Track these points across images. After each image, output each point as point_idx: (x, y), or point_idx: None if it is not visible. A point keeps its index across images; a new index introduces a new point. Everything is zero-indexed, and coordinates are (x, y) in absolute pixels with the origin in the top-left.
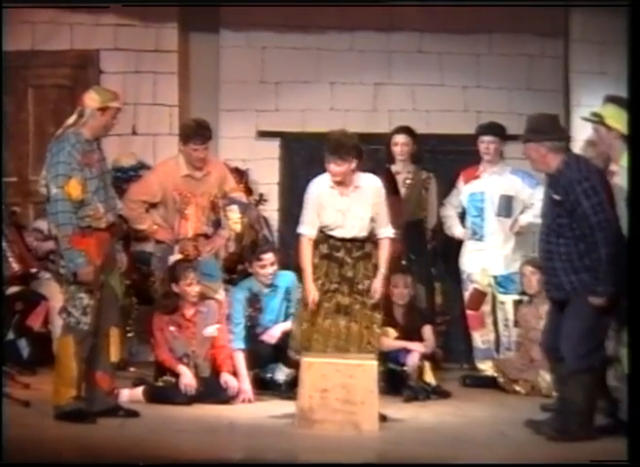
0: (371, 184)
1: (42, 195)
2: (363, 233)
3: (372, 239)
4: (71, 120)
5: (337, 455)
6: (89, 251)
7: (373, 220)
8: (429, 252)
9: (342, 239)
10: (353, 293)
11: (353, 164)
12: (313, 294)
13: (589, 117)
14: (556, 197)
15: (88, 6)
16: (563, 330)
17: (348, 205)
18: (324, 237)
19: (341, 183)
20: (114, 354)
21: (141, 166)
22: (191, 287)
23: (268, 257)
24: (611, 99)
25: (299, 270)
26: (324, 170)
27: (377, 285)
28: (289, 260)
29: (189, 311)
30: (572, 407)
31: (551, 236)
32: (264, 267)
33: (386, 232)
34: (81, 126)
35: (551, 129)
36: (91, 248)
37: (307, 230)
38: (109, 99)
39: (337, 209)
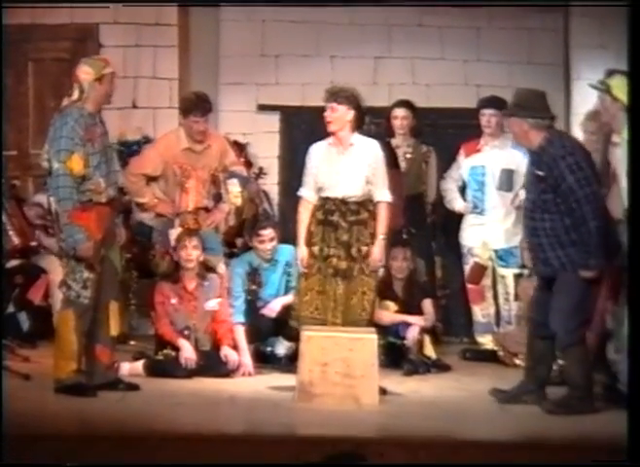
0: (367, 144)
1: (42, 168)
2: (356, 193)
3: (367, 207)
4: (75, 96)
5: (337, 429)
6: (90, 226)
7: (369, 182)
8: (429, 226)
9: (336, 201)
10: (350, 257)
11: (349, 115)
12: (302, 255)
13: (597, 85)
14: (540, 173)
15: (88, 6)
16: (552, 305)
17: (344, 163)
18: (320, 204)
19: (336, 135)
20: (113, 328)
21: (146, 141)
22: (185, 251)
23: (268, 233)
24: (618, 72)
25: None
26: None
27: (376, 252)
28: (289, 234)
29: (190, 284)
30: (569, 381)
31: (535, 213)
32: (263, 242)
33: (383, 196)
34: (84, 101)
35: (536, 106)
36: (92, 223)
37: (306, 192)
38: (102, 67)
39: (333, 168)
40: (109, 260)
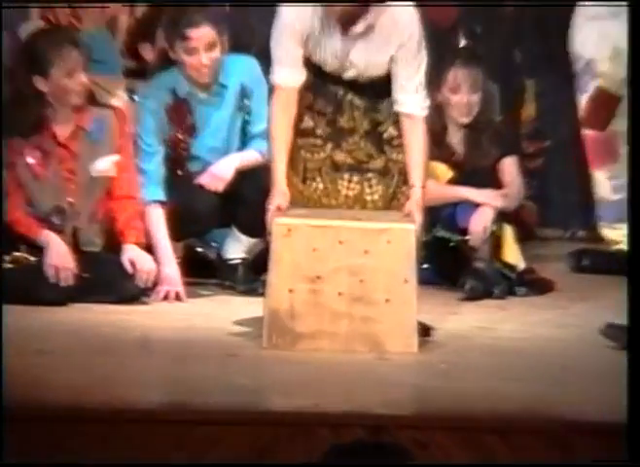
0: (397, 18)
1: None
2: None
3: None
4: None
5: (338, 398)
6: None
7: (389, 76)
8: (512, 21)
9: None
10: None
11: None
12: (280, 199)
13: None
14: None
15: (88, 6)
16: None
17: (350, 49)
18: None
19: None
20: None
21: None
22: (72, 78)
23: (202, 33)
24: None
25: (262, 55)
26: None
27: (412, 206)
28: (248, 34)
29: (63, 129)
30: None
31: None
32: (193, 51)
33: (414, 102)
34: None
35: None
36: None
37: (286, 76)
38: None
39: (332, 53)
40: None
